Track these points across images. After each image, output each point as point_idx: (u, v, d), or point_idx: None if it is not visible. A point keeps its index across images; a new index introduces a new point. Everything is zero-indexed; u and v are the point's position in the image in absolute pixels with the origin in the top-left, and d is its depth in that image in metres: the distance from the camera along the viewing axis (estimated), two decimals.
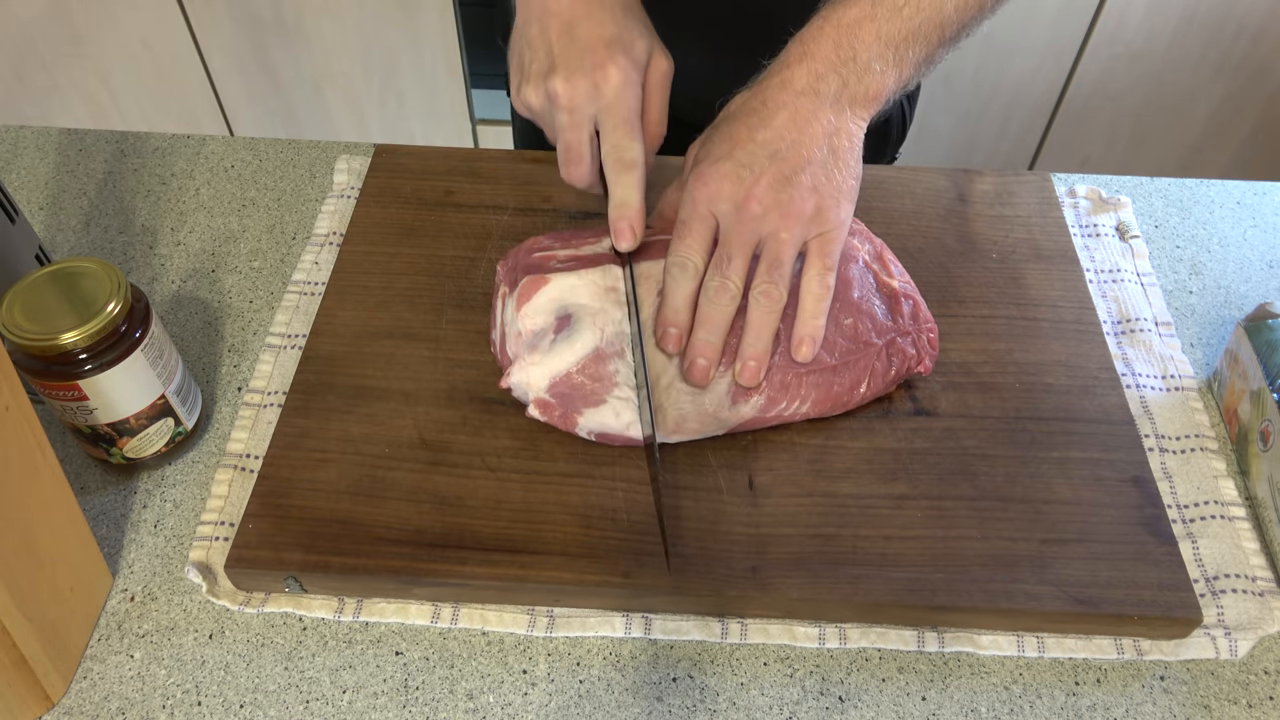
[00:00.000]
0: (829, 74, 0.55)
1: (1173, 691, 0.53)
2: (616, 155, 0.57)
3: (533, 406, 0.57)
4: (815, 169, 0.55)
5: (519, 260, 0.61)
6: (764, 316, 0.55)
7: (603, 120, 0.57)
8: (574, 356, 0.56)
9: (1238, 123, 1.63)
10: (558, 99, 0.57)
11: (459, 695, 0.53)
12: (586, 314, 0.57)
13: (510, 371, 0.57)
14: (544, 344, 0.57)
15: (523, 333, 0.57)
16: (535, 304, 0.57)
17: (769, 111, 0.56)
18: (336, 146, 0.82)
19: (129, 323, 0.55)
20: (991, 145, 1.69)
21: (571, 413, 0.57)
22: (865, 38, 0.55)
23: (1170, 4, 1.47)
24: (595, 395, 0.56)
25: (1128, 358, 0.66)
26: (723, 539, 0.55)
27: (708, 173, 0.55)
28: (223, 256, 0.74)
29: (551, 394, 0.57)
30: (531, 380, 0.57)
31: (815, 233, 0.56)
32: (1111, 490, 0.57)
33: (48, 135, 0.83)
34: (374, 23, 1.58)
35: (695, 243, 0.56)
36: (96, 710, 0.52)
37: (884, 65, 0.56)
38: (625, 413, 0.56)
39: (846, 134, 0.56)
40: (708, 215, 0.56)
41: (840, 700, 0.53)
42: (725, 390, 0.57)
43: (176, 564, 0.57)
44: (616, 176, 0.57)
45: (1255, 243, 0.76)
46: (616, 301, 0.57)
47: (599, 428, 0.57)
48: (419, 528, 0.55)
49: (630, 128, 0.57)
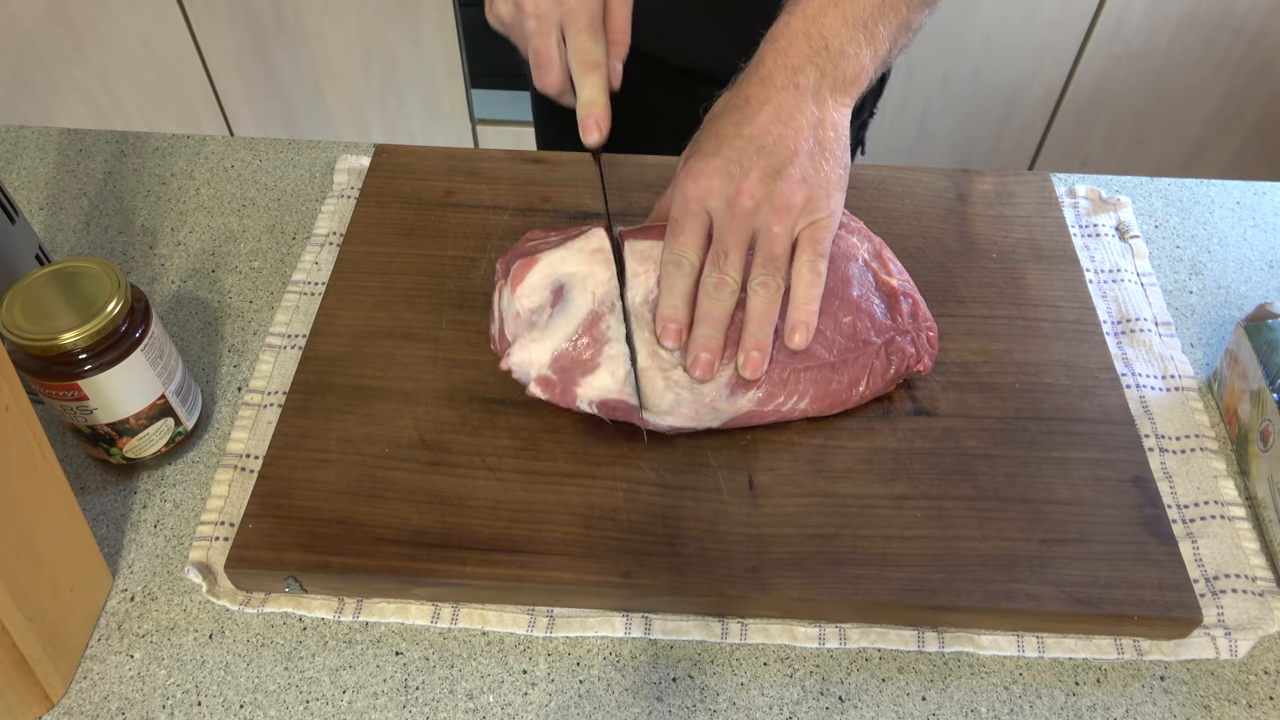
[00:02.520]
0: (805, 66, 0.56)
1: (1173, 691, 0.53)
2: (581, 57, 0.59)
3: (534, 385, 0.57)
4: (803, 160, 0.56)
5: (515, 253, 0.62)
6: (764, 307, 0.56)
7: (566, 25, 0.59)
8: (571, 325, 0.56)
9: (1238, 123, 1.63)
10: (524, 6, 0.59)
11: (459, 695, 0.53)
12: (577, 280, 0.57)
13: (511, 351, 0.57)
14: (542, 319, 0.57)
15: (520, 313, 0.57)
16: (529, 282, 0.58)
17: (752, 108, 0.56)
18: (336, 146, 0.82)
19: (129, 323, 0.55)
20: (991, 145, 1.69)
21: (570, 386, 0.57)
22: (832, 23, 0.56)
23: (1170, 4, 1.47)
24: (591, 361, 0.56)
25: (1128, 358, 0.66)
26: (723, 539, 0.55)
27: (697, 169, 0.56)
28: (223, 256, 0.74)
29: (554, 369, 0.56)
30: (533, 357, 0.57)
31: (806, 222, 0.56)
32: (1111, 490, 0.57)
33: (48, 135, 0.83)
34: (374, 23, 1.58)
35: (690, 240, 0.56)
36: (96, 710, 0.52)
37: (856, 47, 0.57)
38: (619, 369, 0.56)
39: (831, 124, 0.57)
40: (700, 212, 0.56)
41: (840, 700, 0.53)
42: (725, 382, 0.57)
43: (176, 564, 0.57)
44: (581, 77, 0.59)
45: (1255, 243, 0.76)
46: (604, 261, 0.58)
47: (598, 395, 0.57)
48: (419, 528, 0.55)
49: (593, 31, 0.59)
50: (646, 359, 0.56)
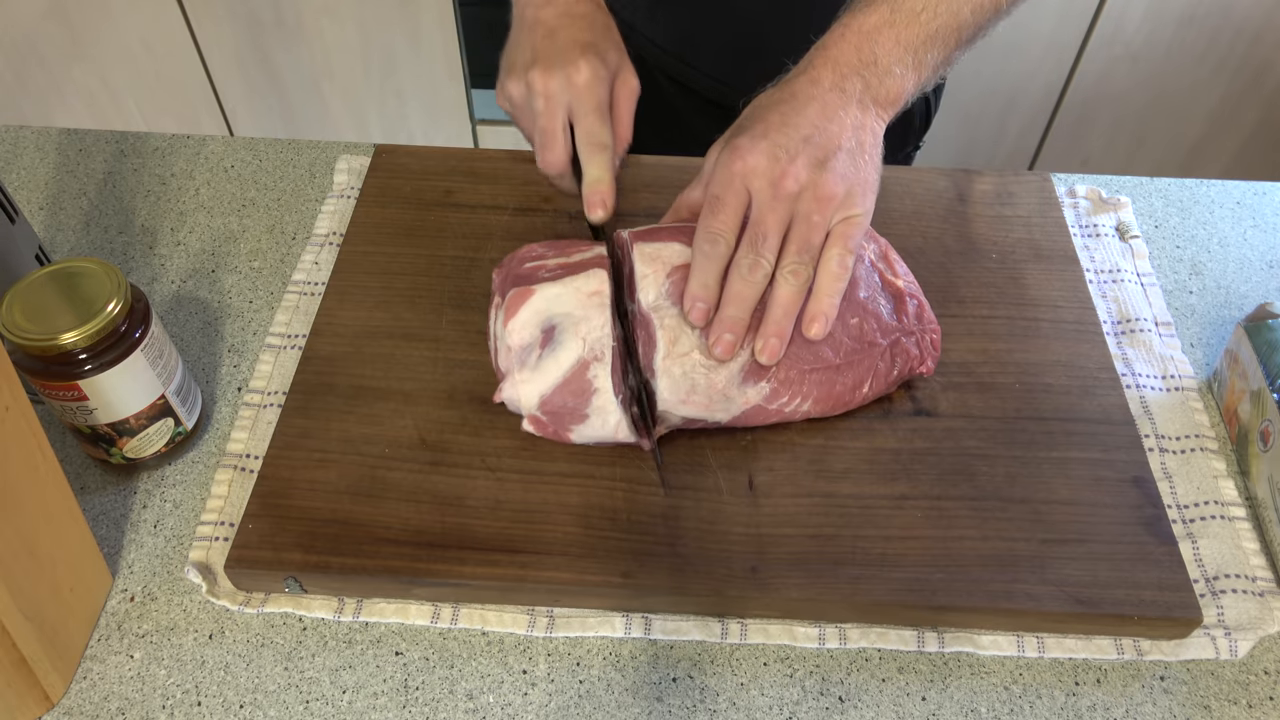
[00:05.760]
0: (852, 76, 0.58)
1: (1173, 691, 0.53)
2: (589, 139, 0.63)
3: (527, 422, 0.58)
4: (845, 157, 0.56)
5: (511, 270, 0.61)
6: (792, 296, 0.56)
7: (575, 108, 0.63)
8: (559, 371, 0.56)
9: (1238, 123, 1.63)
10: (534, 86, 0.64)
11: (459, 695, 0.53)
12: (570, 323, 0.57)
13: (502, 388, 0.58)
14: (531, 359, 0.57)
15: (511, 348, 0.57)
16: (521, 318, 0.57)
17: (799, 103, 0.57)
18: (336, 146, 0.82)
19: (129, 323, 0.55)
20: (991, 145, 1.69)
21: (563, 431, 0.57)
22: (885, 43, 0.58)
23: (1170, 4, 1.47)
24: (579, 411, 0.56)
25: (1128, 358, 0.66)
26: (723, 539, 0.55)
27: (745, 147, 0.56)
28: (223, 256, 0.74)
29: (544, 411, 0.57)
30: (522, 398, 0.57)
31: (842, 216, 0.56)
32: (1111, 490, 0.57)
33: (48, 135, 0.83)
34: (374, 23, 1.58)
35: (730, 219, 0.56)
36: (96, 710, 0.52)
37: (903, 69, 0.59)
38: (610, 416, 0.56)
39: (870, 130, 0.58)
40: (742, 190, 0.56)
41: (840, 700, 0.53)
42: (739, 368, 0.57)
43: (176, 564, 0.57)
44: (589, 157, 0.63)
45: (1255, 243, 0.76)
46: (599, 305, 0.57)
47: (590, 440, 0.58)
48: (419, 528, 0.55)
49: (600, 114, 0.63)
50: (666, 348, 0.56)
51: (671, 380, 0.56)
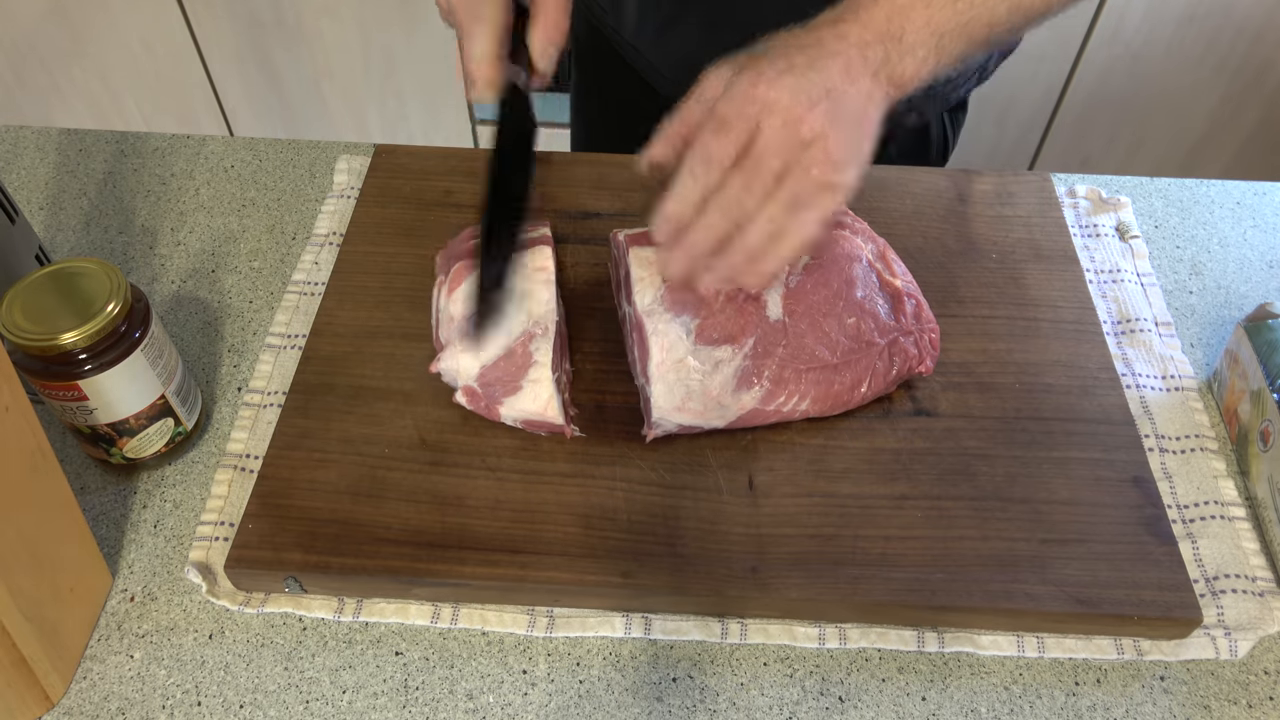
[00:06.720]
0: (876, 43, 0.55)
1: (1173, 692, 0.53)
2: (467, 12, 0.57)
3: (460, 394, 0.57)
4: (854, 124, 0.54)
5: (455, 248, 0.61)
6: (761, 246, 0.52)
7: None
8: (503, 341, 0.56)
9: (1238, 123, 1.63)
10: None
11: (459, 695, 0.53)
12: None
13: (441, 357, 0.57)
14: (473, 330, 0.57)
15: (454, 318, 0.57)
16: (465, 289, 0.57)
17: (825, 51, 0.54)
18: (336, 146, 0.82)
19: (129, 323, 0.55)
20: (991, 145, 1.69)
21: (494, 403, 0.57)
22: (916, 21, 0.55)
23: (1170, 4, 1.47)
24: (513, 381, 0.56)
25: (1128, 358, 0.66)
26: (723, 539, 0.55)
27: (769, 78, 0.52)
28: (223, 256, 0.74)
29: (480, 383, 0.57)
30: (461, 367, 0.57)
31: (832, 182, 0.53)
32: (1111, 490, 0.57)
33: (48, 135, 0.83)
34: (374, 23, 1.58)
35: (731, 146, 0.52)
36: (96, 710, 0.52)
37: (925, 52, 0.56)
38: (542, 390, 0.56)
39: (876, 106, 0.55)
40: (753, 120, 0.52)
41: (840, 700, 0.53)
42: (732, 374, 0.57)
43: (176, 564, 0.57)
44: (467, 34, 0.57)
45: (1255, 243, 0.76)
46: (545, 281, 0.57)
47: (520, 415, 0.57)
48: (419, 528, 0.55)
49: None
50: (661, 355, 0.56)
51: (667, 386, 0.56)
